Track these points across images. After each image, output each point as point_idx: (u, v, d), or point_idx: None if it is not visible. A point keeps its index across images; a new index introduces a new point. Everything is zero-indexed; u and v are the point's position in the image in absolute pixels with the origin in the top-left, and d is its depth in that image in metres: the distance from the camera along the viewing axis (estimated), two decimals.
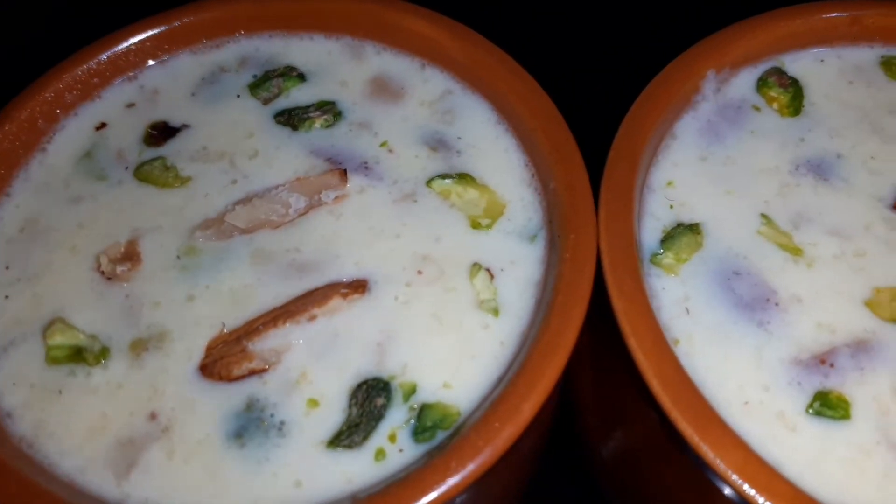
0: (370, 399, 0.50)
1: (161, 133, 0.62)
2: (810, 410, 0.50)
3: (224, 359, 0.52)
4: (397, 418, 0.50)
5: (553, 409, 0.57)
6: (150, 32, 0.65)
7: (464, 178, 0.59)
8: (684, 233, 0.57)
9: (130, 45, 0.64)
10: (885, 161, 0.61)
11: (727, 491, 0.46)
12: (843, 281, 0.55)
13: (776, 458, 0.48)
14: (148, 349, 0.53)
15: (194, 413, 0.50)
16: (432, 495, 0.44)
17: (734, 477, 0.44)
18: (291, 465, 0.48)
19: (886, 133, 0.62)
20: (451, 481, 0.44)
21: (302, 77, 0.65)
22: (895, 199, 0.59)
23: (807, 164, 0.60)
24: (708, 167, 0.60)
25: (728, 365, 0.52)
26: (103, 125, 0.63)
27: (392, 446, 0.49)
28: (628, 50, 0.66)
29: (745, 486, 0.44)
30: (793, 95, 0.64)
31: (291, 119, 0.62)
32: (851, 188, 0.59)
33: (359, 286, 0.54)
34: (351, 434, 0.49)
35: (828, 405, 0.50)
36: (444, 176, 0.59)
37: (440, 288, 0.54)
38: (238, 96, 0.64)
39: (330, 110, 0.63)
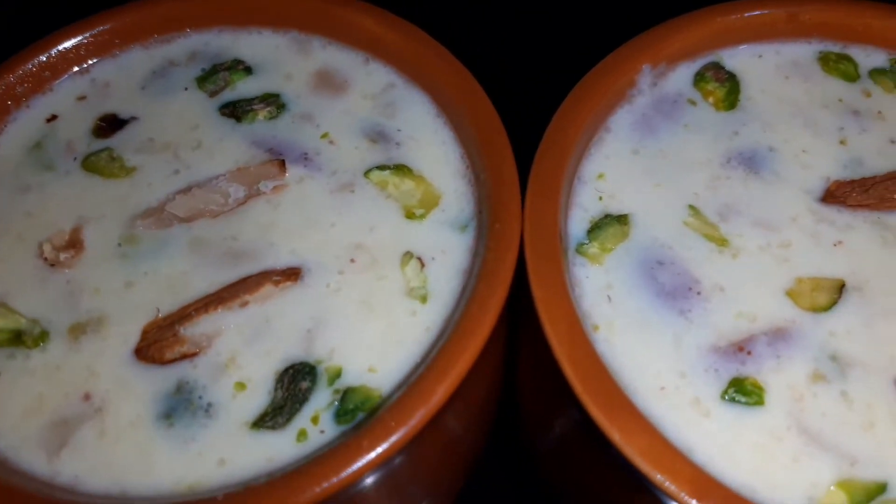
0: (296, 382, 0.52)
1: (110, 125, 0.64)
2: (725, 397, 0.51)
3: (157, 343, 0.53)
4: (321, 401, 0.51)
5: (484, 393, 0.58)
6: (102, 27, 0.66)
7: (401, 169, 0.60)
8: (611, 223, 0.58)
9: (83, 39, 0.66)
10: (817, 155, 0.62)
11: (636, 474, 0.47)
12: (767, 271, 0.56)
13: (688, 443, 0.49)
14: (86, 333, 0.54)
15: (127, 394, 0.52)
16: (345, 473, 0.45)
17: (639, 460, 0.46)
18: (216, 444, 0.50)
19: (819, 127, 0.63)
20: (364, 460, 0.45)
21: (249, 70, 0.66)
22: (824, 192, 0.60)
23: (738, 157, 0.61)
24: (640, 160, 0.61)
25: (646, 351, 0.53)
26: (54, 117, 0.64)
27: (314, 428, 0.50)
28: (568, 46, 0.67)
29: (649, 469, 0.45)
30: (729, 90, 0.65)
31: (235, 111, 0.64)
32: (781, 181, 0.60)
33: (292, 274, 0.56)
34: (275, 416, 0.51)
35: (742, 392, 0.51)
36: (381, 167, 0.60)
37: (372, 276, 0.56)
38: (186, 89, 0.66)
39: (274, 102, 0.64)
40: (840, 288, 0.55)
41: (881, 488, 0.48)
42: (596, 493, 0.57)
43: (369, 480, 0.47)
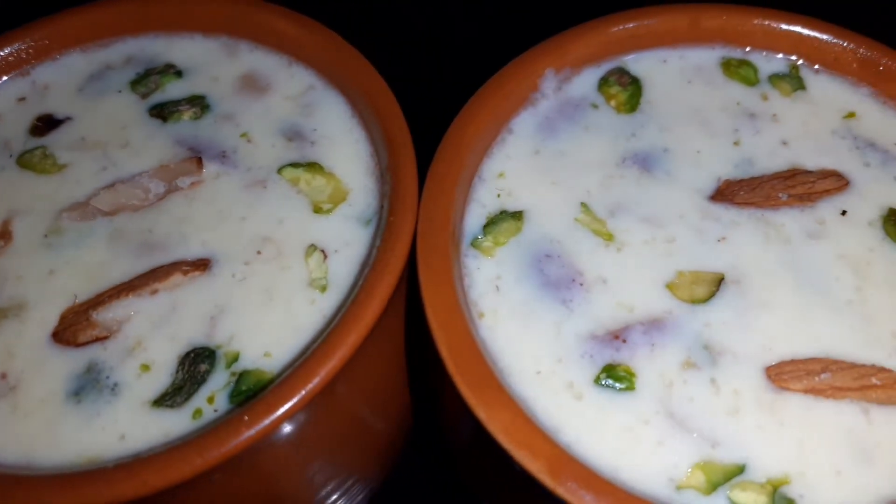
0: (195, 365, 0.55)
1: (46, 125, 0.68)
2: (598, 381, 0.54)
3: (73, 327, 0.57)
4: (218, 382, 0.55)
5: (379, 378, 0.61)
6: (43, 33, 0.70)
7: (313, 166, 0.64)
8: (506, 219, 0.61)
9: (24, 44, 0.70)
10: (710, 155, 0.65)
11: (503, 451, 0.50)
12: (649, 264, 0.59)
13: (557, 424, 0.53)
14: (7, 317, 0.58)
15: (41, 374, 0.56)
16: (227, 447, 0.48)
17: (501, 436, 0.49)
18: (118, 420, 0.53)
19: (714, 129, 0.66)
20: (244, 435, 0.49)
21: (179, 74, 0.70)
22: (714, 191, 0.63)
23: (633, 158, 0.65)
24: (539, 160, 0.65)
25: (527, 338, 0.56)
26: None
27: (209, 406, 0.54)
28: (477, 51, 0.71)
29: (510, 445, 0.48)
30: (631, 94, 0.68)
31: (163, 112, 0.68)
32: (673, 180, 0.63)
33: (201, 264, 0.59)
34: (174, 395, 0.54)
35: (614, 377, 0.54)
36: (295, 164, 0.64)
37: (276, 266, 0.59)
38: (119, 91, 0.70)
39: (199, 104, 0.68)
40: (719, 281, 0.58)
41: (739, 470, 0.51)
42: (487, 476, 0.60)
43: (261, 452, 0.51)
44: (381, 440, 0.67)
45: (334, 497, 0.66)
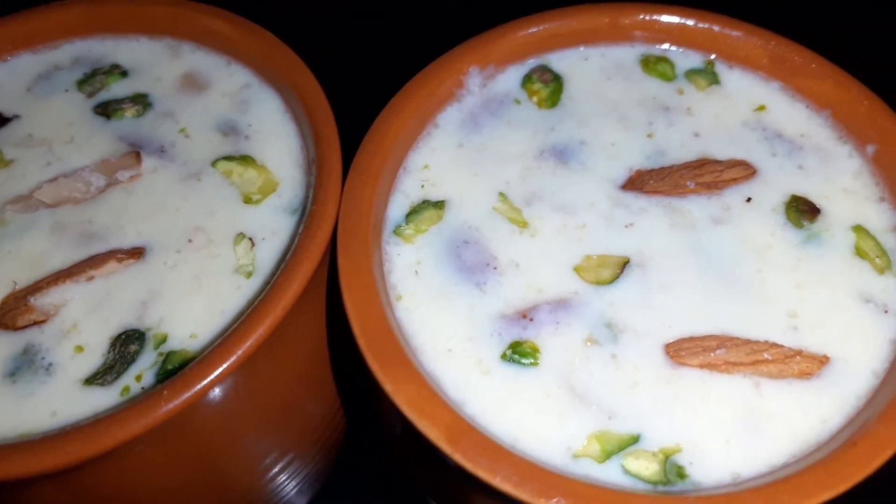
0: (126, 346, 0.58)
1: None
2: (504, 357, 0.57)
3: (11, 312, 0.60)
4: (146, 362, 0.58)
5: (301, 359, 0.64)
6: None
7: (245, 159, 0.67)
8: (427, 208, 0.64)
9: None
10: (624, 147, 0.68)
11: (409, 423, 0.53)
12: (560, 249, 0.62)
13: (464, 397, 0.56)
14: None
15: None
16: (150, 418, 0.51)
17: (405, 407, 0.52)
18: (51, 399, 0.57)
19: (630, 122, 0.69)
20: (165, 408, 0.52)
21: (124, 73, 0.74)
22: (626, 180, 0.66)
23: (551, 150, 0.68)
24: (463, 153, 0.68)
25: (442, 318, 0.59)
26: None
27: (137, 384, 0.57)
28: (407, 50, 0.74)
29: (413, 415, 0.52)
30: (552, 90, 0.71)
31: (107, 110, 0.71)
32: (587, 171, 0.67)
33: (135, 252, 0.63)
34: (105, 374, 0.57)
35: (520, 353, 0.57)
36: (228, 158, 0.67)
37: (206, 254, 0.62)
38: (66, 91, 0.73)
39: (141, 102, 0.71)
40: (624, 264, 0.61)
41: (634, 439, 0.54)
42: (407, 454, 0.64)
43: (186, 425, 0.54)
44: (313, 420, 0.70)
45: (275, 470, 0.69)
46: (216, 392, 0.54)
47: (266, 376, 0.59)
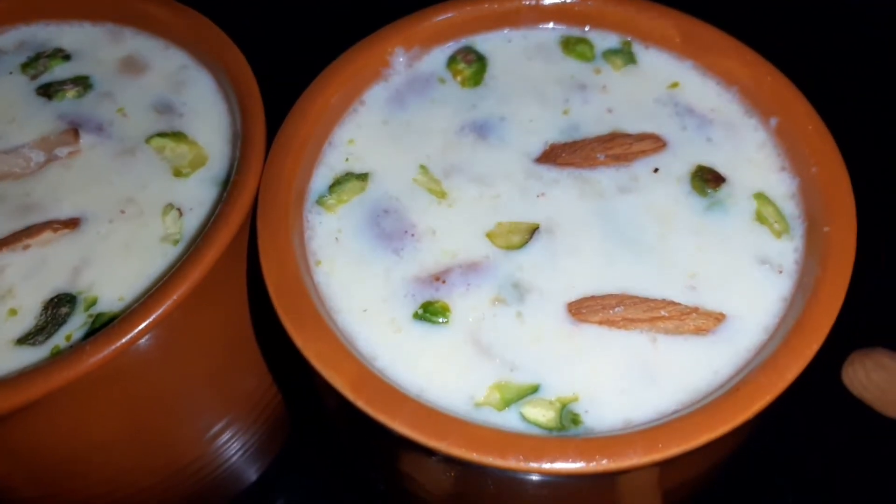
0: (57, 308, 0.61)
1: None
2: (416, 316, 0.61)
3: None
4: (76, 323, 0.61)
5: (219, 324, 0.66)
6: None
7: (178, 135, 0.70)
8: (350, 180, 0.68)
9: None
10: (541, 123, 0.71)
11: (317, 374, 0.56)
12: (475, 217, 0.66)
13: (374, 352, 0.59)
14: None
15: None
16: (72, 371, 0.54)
17: (314, 360, 0.55)
18: None
19: (547, 99, 0.73)
20: (88, 361, 0.55)
21: (67, 57, 0.77)
22: (541, 154, 0.70)
23: (471, 126, 0.71)
24: (388, 129, 0.71)
25: (359, 282, 0.62)
26: None
27: (66, 344, 0.60)
28: (335, 32, 0.78)
29: (321, 367, 0.55)
30: (476, 70, 0.74)
31: (48, 91, 0.74)
32: (505, 145, 0.70)
33: (71, 223, 0.66)
34: (36, 335, 0.60)
35: (430, 312, 0.60)
36: (162, 134, 0.71)
37: (136, 224, 0.66)
38: (11, 73, 0.76)
39: (82, 83, 0.74)
40: (533, 230, 0.65)
41: (533, 389, 0.58)
42: (327, 410, 0.66)
43: (110, 380, 0.57)
44: (244, 389, 0.73)
45: (211, 433, 0.72)
46: (138, 347, 0.57)
47: (189, 338, 0.62)
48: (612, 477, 0.56)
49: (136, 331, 0.56)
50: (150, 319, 0.56)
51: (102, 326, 0.59)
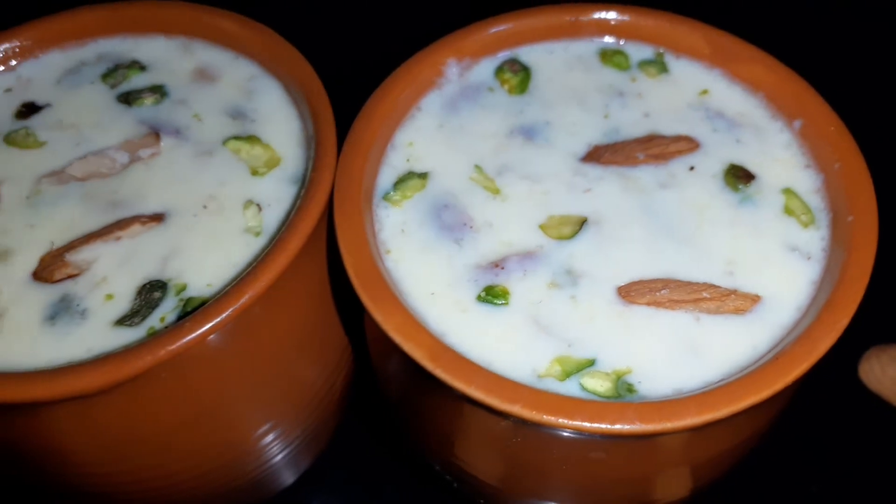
0: (150, 293, 0.67)
1: (28, 110, 0.80)
2: (479, 298, 0.66)
3: (49, 267, 0.69)
4: (168, 306, 0.66)
5: (300, 310, 0.72)
6: (27, 35, 0.83)
7: (252, 139, 0.77)
8: (412, 178, 0.74)
9: (10, 44, 0.83)
10: (584, 126, 0.78)
11: (398, 351, 0.62)
12: (527, 211, 0.72)
13: (444, 329, 0.64)
14: None
15: (23, 304, 0.67)
16: (178, 344, 0.60)
17: (393, 333, 0.60)
18: (86, 337, 0.65)
19: (588, 106, 0.79)
20: (188, 338, 0.60)
21: (143, 68, 0.83)
22: (585, 154, 0.76)
23: (520, 129, 0.78)
24: (443, 132, 0.77)
25: (425, 269, 0.68)
26: None
27: (160, 325, 0.66)
28: (393, 43, 0.84)
29: (400, 339, 0.60)
30: (521, 79, 0.81)
31: (128, 98, 0.80)
32: (551, 146, 0.76)
33: (157, 217, 0.72)
34: (133, 317, 0.66)
35: (492, 295, 0.66)
36: (237, 137, 0.77)
37: (219, 218, 0.71)
38: (92, 83, 0.82)
39: (159, 91, 0.81)
40: (582, 222, 0.71)
41: (590, 363, 0.63)
42: (398, 386, 0.72)
43: (202, 356, 0.63)
44: (309, 381, 0.78)
45: (265, 428, 0.76)
46: (231, 327, 0.62)
47: (268, 324, 0.67)
48: (657, 444, 0.62)
49: (233, 308, 0.61)
50: (246, 298, 0.62)
51: (194, 310, 0.65)
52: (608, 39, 0.84)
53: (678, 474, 0.70)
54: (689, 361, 0.64)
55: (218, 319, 0.61)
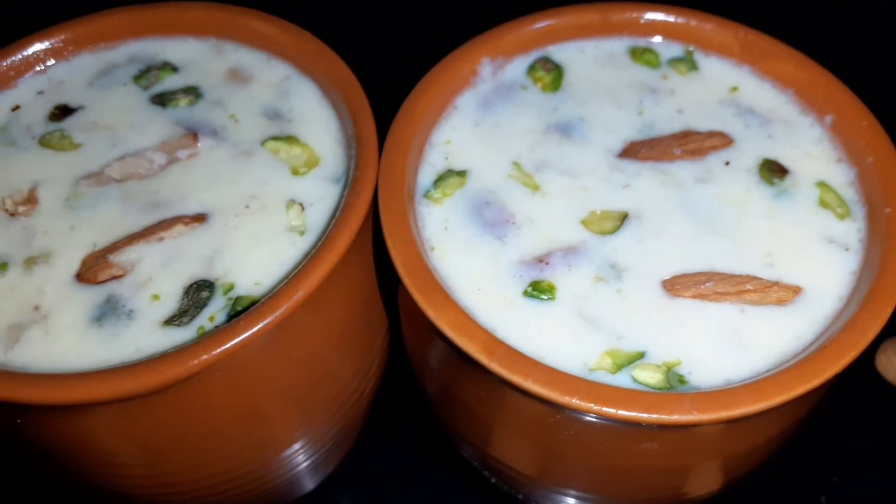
0: (198, 293, 0.67)
1: (62, 112, 0.80)
2: (526, 294, 0.67)
3: (93, 268, 0.69)
4: (217, 306, 0.66)
5: (345, 307, 0.72)
6: (58, 37, 0.83)
7: (290, 139, 0.77)
8: (452, 176, 0.74)
9: (42, 46, 0.83)
10: (618, 123, 0.79)
11: (450, 343, 0.62)
12: (567, 206, 0.72)
13: (493, 324, 0.65)
14: (38, 263, 0.69)
15: (68, 306, 0.67)
16: (233, 342, 0.60)
17: (447, 329, 0.61)
18: (134, 338, 0.65)
19: (622, 102, 0.80)
20: (243, 335, 0.60)
21: (175, 69, 0.83)
22: (621, 150, 0.77)
23: (555, 126, 0.78)
24: (479, 130, 0.78)
25: (470, 264, 0.69)
26: (17, 107, 0.81)
27: (210, 324, 0.66)
28: (427, 43, 0.85)
29: (454, 335, 0.61)
30: (554, 77, 0.82)
31: (162, 100, 0.80)
32: (588, 142, 0.77)
33: (199, 218, 0.72)
34: (181, 317, 0.66)
35: (539, 290, 0.67)
36: (275, 138, 0.77)
37: (262, 217, 0.72)
38: (124, 84, 0.82)
39: (193, 93, 0.81)
40: (623, 217, 0.71)
41: (640, 355, 0.64)
42: (445, 385, 0.72)
43: (256, 354, 0.63)
44: (343, 375, 0.77)
45: (303, 429, 0.77)
46: (282, 325, 0.62)
47: (316, 323, 0.67)
48: (707, 433, 0.63)
49: (287, 305, 0.61)
50: (299, 295, 0.62)
51: (244, 309, 0.65)
52: (638, 37, 0.85)
53: (721, 464, 0.70)
54: (736, 352, 0.64)
55: (273, 317, 0.61)
